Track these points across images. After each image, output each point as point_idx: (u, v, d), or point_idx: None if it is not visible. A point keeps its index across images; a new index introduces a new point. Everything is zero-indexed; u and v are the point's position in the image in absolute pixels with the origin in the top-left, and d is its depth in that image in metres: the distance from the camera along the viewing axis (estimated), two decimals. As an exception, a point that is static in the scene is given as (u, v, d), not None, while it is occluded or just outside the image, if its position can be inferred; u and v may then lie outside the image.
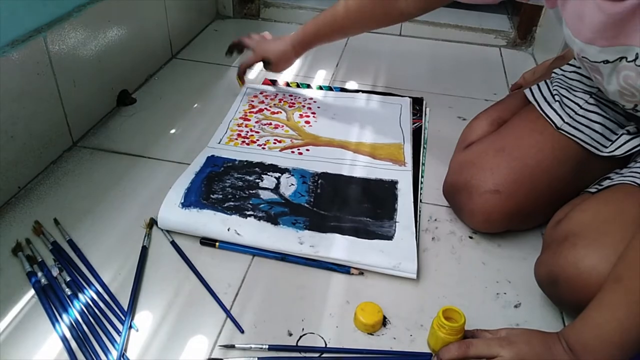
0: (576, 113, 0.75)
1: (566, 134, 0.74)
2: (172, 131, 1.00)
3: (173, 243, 0.74)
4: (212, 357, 0.59)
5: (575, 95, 0.77)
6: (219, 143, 0.95)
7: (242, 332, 0.63)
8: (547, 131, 0.76)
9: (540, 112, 0.78)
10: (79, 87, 0.92)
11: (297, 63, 1.29)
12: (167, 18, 1.23)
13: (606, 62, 0.62)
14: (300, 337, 0.63)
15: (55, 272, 0.67)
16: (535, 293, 0.69)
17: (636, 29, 0.56)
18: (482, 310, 0.67)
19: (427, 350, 0.62)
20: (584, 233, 0.62)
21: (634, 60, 0.59)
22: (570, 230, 0.64)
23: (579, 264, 0.60)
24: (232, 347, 0.60)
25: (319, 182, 0.87)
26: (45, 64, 0.83)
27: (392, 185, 0.87)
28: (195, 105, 1.10)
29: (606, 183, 0.69)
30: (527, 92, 0.83)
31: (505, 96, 0.96)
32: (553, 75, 0.85)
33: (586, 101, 0.76)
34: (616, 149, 0.72)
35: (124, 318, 0.63)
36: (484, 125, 0.86)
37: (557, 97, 0.78)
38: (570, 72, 0.82)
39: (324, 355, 0.60)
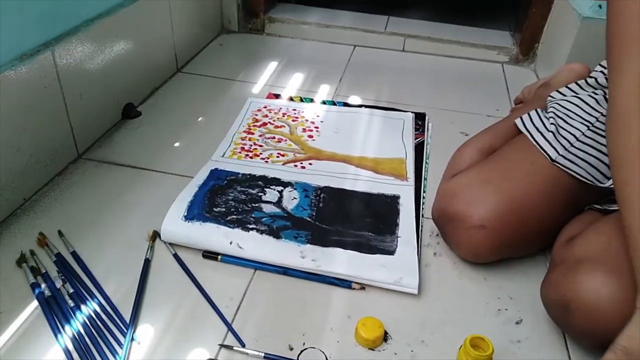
0: (572, 145, 0.74)
1: (561, 166, 0.73)
2: (177, 144, 1.01)
3: (176, 256, 0.75)
4: (212, 358, 0.60)
5: (572, 125, 0.76)
6: (223, 156, 0.96)
7: (243, 345, 0.63)
8: (539, 163, 0.74)
9: (533, 142, 0.76)
10: (85, 101, 0.94)
11: (301, 77, 1.31)
12: (173, 32, 1.24)
13: None
14: (302, 351, 0.63)
15: (58, 283, 0.68)
16: (537, 310, 0.69)
17: None
18: (483, 326, 0.67)
19: (428, 366, 0.62)
20: (602, 259, 0.60)
21: None
22: (585, 253, 0.62)
23: (600, 292, 0.57)
24: (231, 348, 0.61)
25: (322, 196, 0.87)
26: (53, 78, 0.84)
27: (394, 200, 0.88)
28: (200, 118, 1.11)
29: (614, 205, 0.68)
30: (518, 121, 0.82)
31: (498, 121, 0.95)
32: (549, 99, 0.84)
33: (583, 133, 0.74)
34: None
35: (126, 330, 0.63)
36: (473, 153, 0.85)
37: (551, 127, 0.77)
38: (570, 97, 0.82)
39: (324, 370, 0.61)
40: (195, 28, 1.37)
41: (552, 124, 0.78)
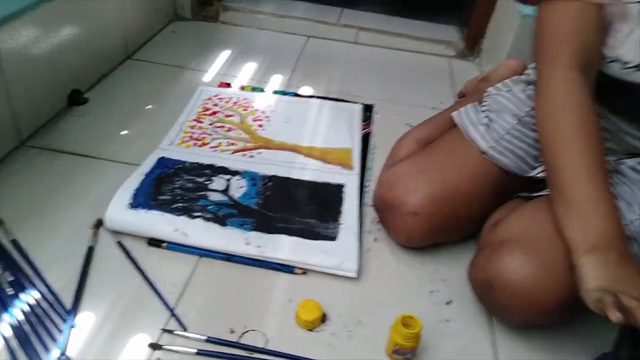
0: (502, 137, 0.79)
1: (491, 157, 0.78)
2: (124, 132, 1.01)
3: (120, 244, 0.75)
4: (153, 342, 0.62)
5: (503, 119, 0.81)
6: (171, 144, 0.97)
7: (185, 329, 0.64)
8: (470, 154, 0.79)
9: (466, 135, 0.82)
10: (29, 86, 0.92)
11: (254, 67, 1.32)
12: (122, 18, 1.22)
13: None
14: (243, 334, 0.65)
15: (-3, 272, 0.68)
16: (466, 291, 0.74)
17: None
18: (416, 307, 0.72)
19: (365, 346, 0.66)
20: (522, 240, 0.66)
21: None
22: (507, 236, 0.68)
23: (520, 270, 0.63)
24: (172, 332, 0.63)
25: (269, 184, 0.89)
26: (-8, 62, 0.83)
27: (339, 188, 0.91)
28: (149, 106, 1.10)
29: (537, 193, 0.74)
30: (454, 114, 0.87)
31: (436, 114, 1.00)
32: (485, 94, 0.89)
33: (512, 126, 0.80)
34: (539, 172, 0.77)
35: (66, 317, 0.64)
36: (412, 144, 0.90)
37: (484, 120, 0.82)
38: (503, 92, 0.87)
39: (255, 354, 0.63)
40: (146, 14, 1.36)
41: (485, 117, 0.83)
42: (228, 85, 1.21)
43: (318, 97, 1.20)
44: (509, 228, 0.69)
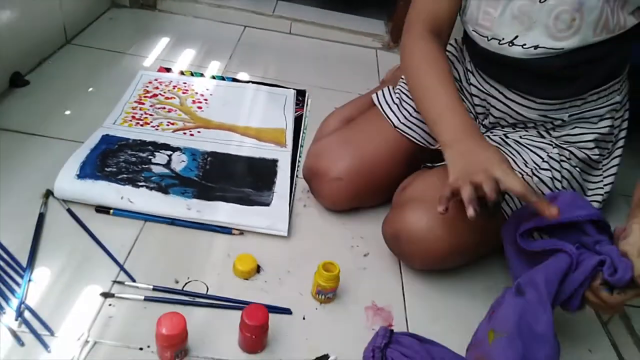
0: (410, 115, 0.93)
1: (400, 132, 0.92)
2: (67, 112, 1.06)
3: (69, 211, 0.82)
4: (105, 291, 0.70)
5: (412, 98, 0.95)
6: (114, 124, 1.03)
7: (134, 280, 0.73)
8: (385, 128, 0.92)
9: (382, 112, 0.95)
10: (-31, 67, 0.95)
11: (192, 53, 1.39)
12: (61, 4, 1.26)
13: None
14: (186, 283, 0.74)
15: (-49, 236, 0.73)
16: (381, 245, 0.86)
17: None
18: (339, 257, 0.82)
19: (293, 290, 0.77)
20: (419, 199, 0.80)
21: None
22: (411, 196, 0.82)
23: (419, 223, 0.77)
24: (122, 283, 0.71)
25: (208, 159, 0.98)
26: None
27: (273, 163, 1.01)
28: (90, 89, 1.15)
29: (439, 163, 0.88)
30: (373, 96, 1.00)
31: (358, 96, 1.12)
32: (400, 80, 1.03)
33: None
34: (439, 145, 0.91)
35: (23, 273, 0.70)
36: (337, 121, 1.02)
37: (397, 100, 0.96)
38: None
39: (197, 299, 0.73)
40: (84, 1, 1.39)
41: (397, 97, 0.96)
42: (168, 70, 1.28)
43: (254, 83, 1.30)
44: (412, 190, 0.83)
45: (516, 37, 0.78)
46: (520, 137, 0.88)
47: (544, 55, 0.77)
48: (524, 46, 0.78)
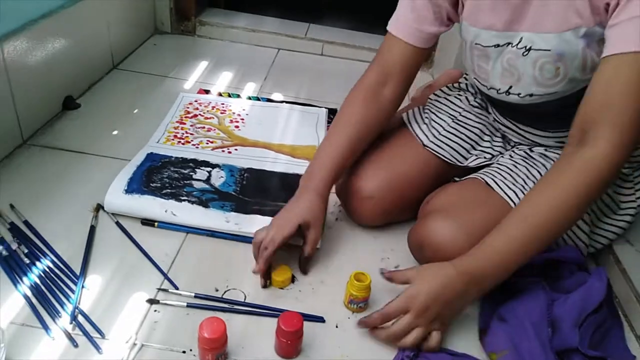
0: (440, 133, 0.96)
1: (430, 150, 0.95)
2: (115, 132, 1.13)
3: (118, 223, 0.88)
4: (150, 298, 0.75)
5: (441, 118, 0.98)
6: (158, 142, 1.10)
7: (177, 288, 0.78)
8: (415, 147, 0.95)
9: (412, 131, 0.98)
10: (29, 92, 1.04)
11: (229, 76, 1.46)
12: (109, 32, 1.35)
13: (497, 45, 0.80)
14: (225, 291, 0.79)
15: (14, 246, 0.79)
16: (411, 257, 0.88)
17: (526, 17, 0.76)
18: (370, 269, 0.85)
19: (325, 299, 0.80)
20: (442, 210, 0.83)
21: (517, 44, 0.78)
22: (434, 207, 0.85)
23: (441, 232, 0.80)
24: (167, 291, 0.76)
25: (245, 175, 1.03)
26: (2, 70, 0.94)
27: (306, 178, 1.05)
28: (135, 110, 1.23)
29: (465, 177, 0.91)
30: (403, 115, 1.03)
31: None
32: (429, 99, 1.06)
33: (448, 124, 0.97)
34: (470, 162, 0.94)
35: (76, 280, 0.76)
36: None
37: (426, 120, 0.99)
38: (442, 97, 1.04)
39: (235, 306, 0.77)
40: (130, 28, 1.49)
41: (426, 117, 0.99)
42: (207, 91, 1.35)
43: (288, 102, 1.35)
44: (436, 201, 0.86)
45: (510, 87, 0.82)
46: (546, 149, 0.90)
47: (541, 100, 0.80)
48: (520, 95, 0.82)
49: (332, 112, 1.34)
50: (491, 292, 0.80)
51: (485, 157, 0.94)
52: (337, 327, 0.76)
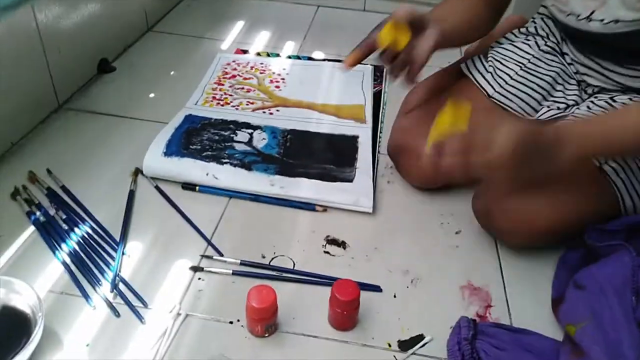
0: (506, 83, 0.85)
1: (496, 101, 0.85)
2: (152, 95, 1.08)
3: (157, 188, 0.83)
4: (194, 265, 0.70)
5: (507, 66, 0.87)
6: (196, 104, 1.04)
7: (222, 255, 0.72)
8: (478, 99, 0.85)
9: (474, 81, 0.88)
10: (63, 54, 0.99)
11: (267, 35, 1.38)
12: (142, -8, 1.29)
13: None
14: (272, 258, 0.73)
15: (52, 211, 0.76)
16: (474, 222, 0.80)
17: None
18: (428, 235, 0.79)
19: (380, 266, 0.73)
20: None
21: None
22: None
23: (512, 195, 0.71)
24: (211, 257, 0.71)
25: (288, 137, 0.96)
26: (34, 31, 0.90)
27: (354, 139, 0.98)
28: (172, 72, 1.18)
29: None
30: (462, 65, 0.93)
31: (444, 67, 1.05)
32: (490, 47, 0.95)
33: (516, 72, 0.86)
34: (541, 115, 0.83)
35: (116, 247, 0.72)
36: (423, 92, 0.95)
37: (490, 68, 0.88)
38: (507, 43, 0.93)
39: (284, 274, 0.71)
40: (163, -13, 1.42)
41: (490, 65, 0.89)
42: (244, 52, 1.28)
43: (330, 60, 1.27)
44: None
45: (593, 12, 0.71)
46: (631, 99, 0.78)
47: (628, 29, 0.69)
48: (603, 21, 0.70)
49: (378, 70, 1.24)
50: (566, 256, 0.71)
51: (558, 108, 0.84)
52: (395, 297, 0.69)
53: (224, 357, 0.60)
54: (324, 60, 1.27)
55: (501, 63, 0.89)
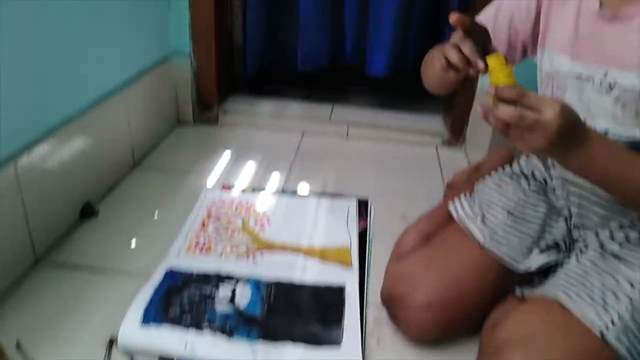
0: (496, 231, 0.86)
1: (488, 251, 0.85)
2: (133, 242, 1.06)
3: (132, 361, 0.79)
4: None
5: (495, 212, 0.88)
6: (178, 253, 1.02)
7: None
8: (472, 247, 0.85)
9: (464, 228, 0.88)
10: (43, 204, 0.98)
11: (254, 167, 1.40)
12: (129, 129, 1.32)
13: (578, 77, 0.75)
14: None
15: (16, 398, 0.70)
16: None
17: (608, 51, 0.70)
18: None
19: None
20: (519, 343, 0.70)
21: (600, 81, 0.72)
22: (506, 339, 0.72)
23: None
24: None
25: (272, 291, 0.93)
26: (13, 185, 0.89)
27: (340, 290, 0.95)
28: (156, 213, 1.17)
29: (530, 291, 0.79)
30: (451, 208, 0.93)
31: (434, 207, 1.06)
32: (476, 186, 0.96)
33: (505, 219, 0.87)
34: (532, 265, 0.83)
35: None
36: (415, 237, 0.95)
37: (479, 214, 0.89)
38: (493, 186, 0.94)
39: None
40: (152, 123, 1.46)
41: (478, 211, 0.90)
42: (230, 187, 1.29)
43: (315, 195, 1.28)
44: (507, 329, 0.73)
45: (584, 119, 0.73)
46: (620, 246, 0.78)
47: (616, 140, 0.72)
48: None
49: (362, 203, 1.25)
50: None
51: (549, 258, 0.83)
52: None
53: None
54: (308, 194, 1.28)
55: (488, 207, 0.90)
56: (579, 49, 0.75)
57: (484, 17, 0.87)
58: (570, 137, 0.63)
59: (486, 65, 0.69)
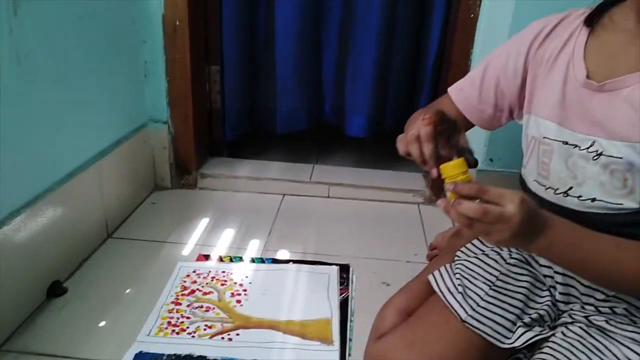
0: (478, 305, 0.82)
1: (470, 326, 0.81)
2: (102, 324, 1.01)
3: None
4: None
5: (476, 285, 0.85)
6: (149, 335, 0.97)
7: None
8: (453, 322, 0.81)
9: (446, 303, 0.85)
10: (6, 286, 0.94)
11: (232, 233, 1.37)
12: (103, 198, 1.28)
13: (565, 143, 0.73)
14: None
15: None
16: None
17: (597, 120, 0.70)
18: None
19: None
20: None
21: (587, 148, 0.71)
22: None
23: None
24: None
25: (248, 374, 0.89)
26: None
27: (320, 373, 0.90)
28: (128, 290, 1.12)
29: None
30: (432, 280, 0.90)
31: (413, 278, 1.03)
32: (456, 258, 0.93)
33: (486, 293, 0.83)
34: (515, 340, 0.79)
35: None
36: (394, 315, 0.91)
37: (459, 287, 0.86)
38: (473, 257, 0.91)
39: None
40: (127, 191, 1.43)
41: (459, 284, 0.86)
42: (207, 257, 1.25)
43: (295, 262, 1.24)
44: None
45: (570, 187, 0.74)
46: (607, 320, 0.75)
47: (604, 210, 0.70)
48: (580, 198, 0.72)
49: (344, 269, 1.21)
50: None
51: (534, 333, 0.79)
52: None
53: None
54: (288, 261, 1.24)
55: (469, 281, 0.86)
56: (567, 116, 0.75)
57: (472, 77, 0.88)
58: (531, 225, 0.63)
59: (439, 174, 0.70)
